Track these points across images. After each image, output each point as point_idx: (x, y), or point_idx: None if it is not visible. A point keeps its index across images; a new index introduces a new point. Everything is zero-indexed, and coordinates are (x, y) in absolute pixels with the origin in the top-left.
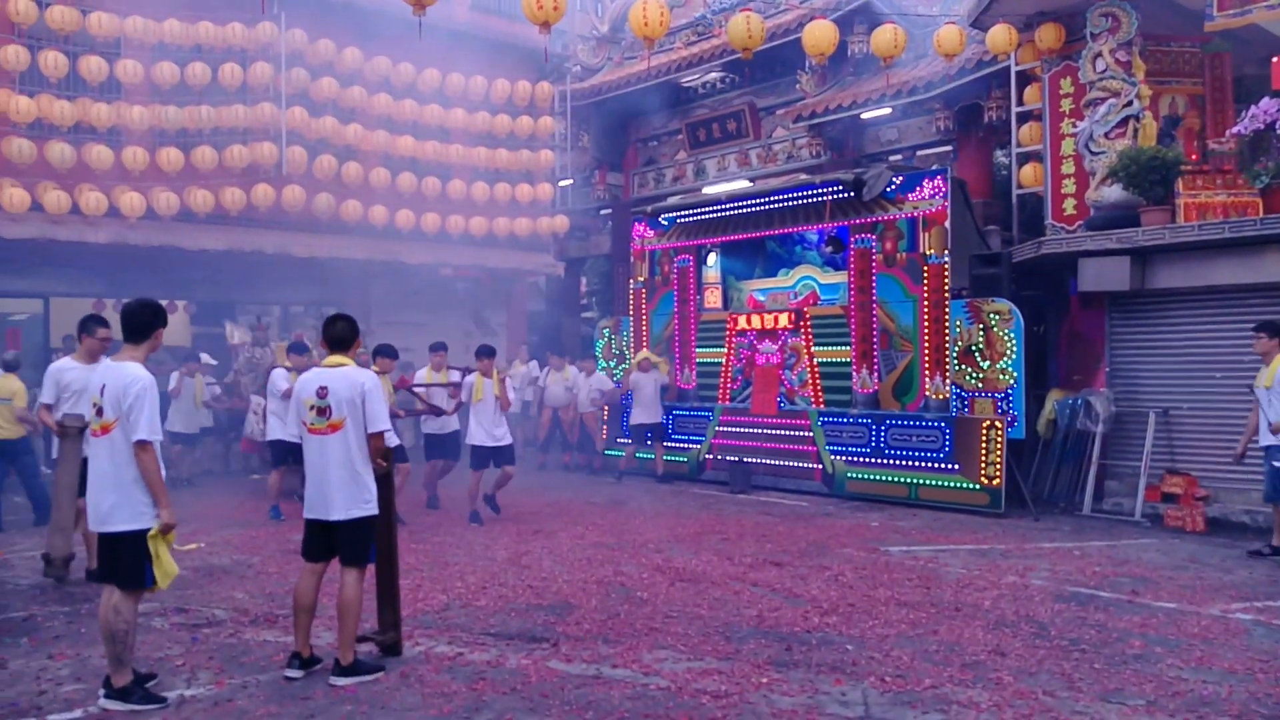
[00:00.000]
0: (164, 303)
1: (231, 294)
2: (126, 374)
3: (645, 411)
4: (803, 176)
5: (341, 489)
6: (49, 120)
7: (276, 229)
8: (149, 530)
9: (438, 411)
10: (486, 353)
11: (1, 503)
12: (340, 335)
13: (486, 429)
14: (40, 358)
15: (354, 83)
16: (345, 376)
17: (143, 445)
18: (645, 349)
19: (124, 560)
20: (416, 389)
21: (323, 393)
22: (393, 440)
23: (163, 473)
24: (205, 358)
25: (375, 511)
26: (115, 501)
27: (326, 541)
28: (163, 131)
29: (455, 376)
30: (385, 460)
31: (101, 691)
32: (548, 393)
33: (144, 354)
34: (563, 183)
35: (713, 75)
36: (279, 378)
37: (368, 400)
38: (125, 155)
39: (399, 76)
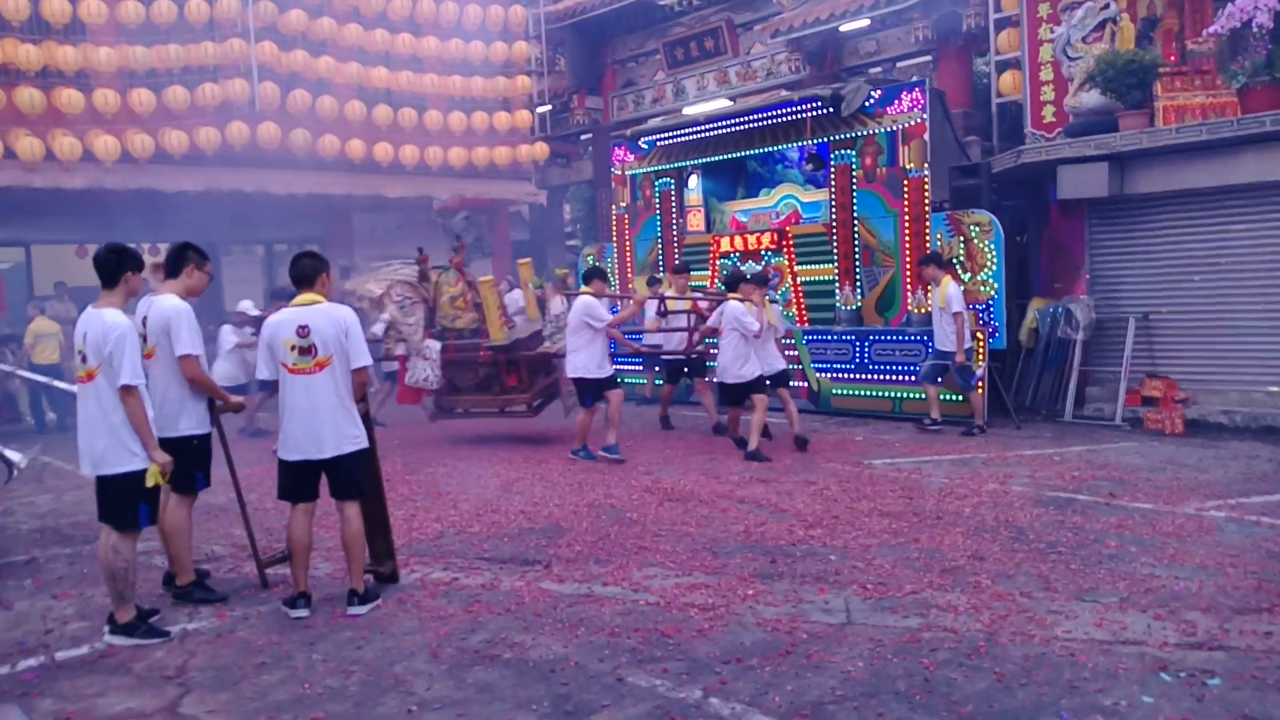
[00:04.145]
0: (145, 246)
1: (213, 234)
2: (105, 321)
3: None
4: (783, 93)
5: (333, 426)
6: (15, 66)
7: (254, 167)
8: (141, 472)
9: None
10: (760, 280)
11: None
12: (304, 272)
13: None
14: (25, 306)
15: (322, 13)
16: (325, 314)
17: (127, 390)
18: (666, 273)
19: (118, 502)
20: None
21: (304, 331)
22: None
23: (150, 415)
24: (247, 304)
25: (366, 445)
26: (106, 445)
27: (314, 481)
28: (132, 73)
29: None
30: (364, 400)
31: (106, 628)
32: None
33: (122, 299)
34: (541, 109)
35: None
36: (596, 307)
37: (351, 336)
38: (96, 98)
39: (368, 5)
